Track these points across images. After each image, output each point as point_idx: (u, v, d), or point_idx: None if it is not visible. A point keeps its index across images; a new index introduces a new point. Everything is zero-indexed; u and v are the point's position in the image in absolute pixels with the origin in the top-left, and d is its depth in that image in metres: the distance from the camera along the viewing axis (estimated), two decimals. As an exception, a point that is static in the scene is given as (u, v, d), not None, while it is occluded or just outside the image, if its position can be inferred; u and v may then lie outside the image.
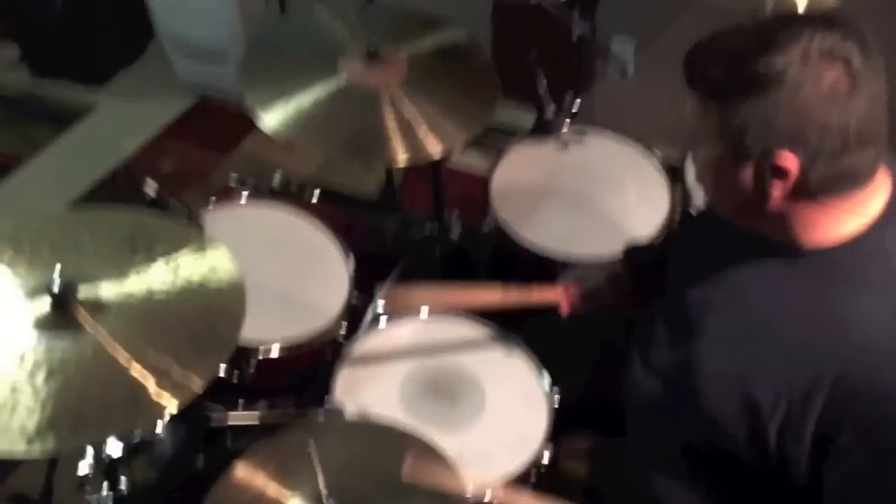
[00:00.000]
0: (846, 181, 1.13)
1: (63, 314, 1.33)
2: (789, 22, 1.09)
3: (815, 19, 1.09)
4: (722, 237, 1.31)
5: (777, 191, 1.13)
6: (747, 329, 1.23)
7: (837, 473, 1.16)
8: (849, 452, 1.14)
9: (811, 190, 1.13)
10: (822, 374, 1.13)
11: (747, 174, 1.14)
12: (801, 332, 1.17)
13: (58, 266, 1.32)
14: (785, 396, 1.17)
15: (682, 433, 1.35)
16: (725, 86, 1.11)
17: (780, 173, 1.12)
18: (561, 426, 1.64)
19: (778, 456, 1.20)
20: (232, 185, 2.19)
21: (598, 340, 1.82)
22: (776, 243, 1.21)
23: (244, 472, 1.35)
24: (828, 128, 1.08)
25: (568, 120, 2.22)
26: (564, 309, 1.65)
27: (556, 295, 1.65)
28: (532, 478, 1.62)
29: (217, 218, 1.94)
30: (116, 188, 1.87)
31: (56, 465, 1.88)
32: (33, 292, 1.36)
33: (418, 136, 1.86)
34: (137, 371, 1.28)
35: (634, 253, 1.69)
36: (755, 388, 1.20)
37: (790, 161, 1.10)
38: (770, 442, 1.20)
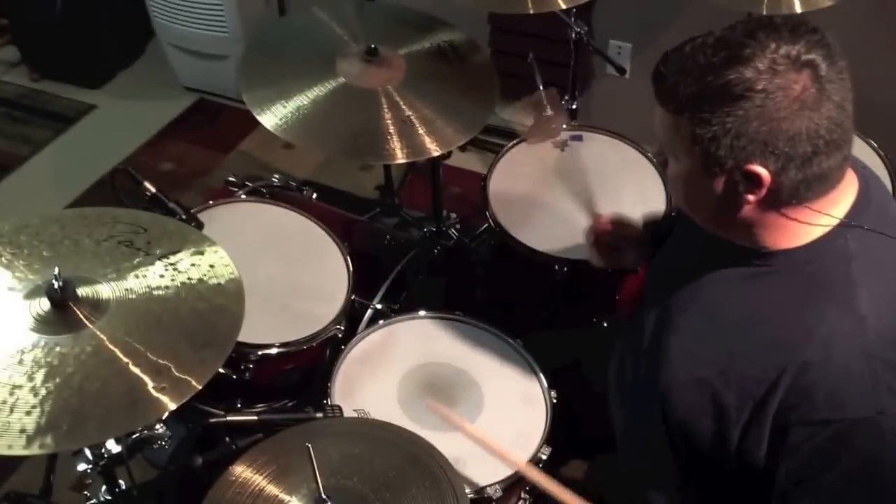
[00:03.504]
0: (816, 186, 1.14)
1: (62, 314, 1.33)
2: (755, 32, 1.10)
3: (780, 28, 1.10)
4: (692, 241, 1.32)
5: (750, 199, 1.15)
6: (714, 332, 1.25)
7: (786, 467, 1.17)
8: (797, 448, 1.15)
9: (782, 196, 1.14)
10: (782, 376, 1.15)
11: (719, 185, 1.16)
12: (767, 336, 1.19)
13: (57, 267, 1.32)
14: (749, 398, 1.18)
15: (660, 432, 1.35)
16: (696, 100, 1.11)
17: (753, 182, 1.13)
18: (559, 429, 1.65)
19: (738, 457, 1.21)
20: (230, 185, 2.19)
21: (594, 343, 1.83)
22: (743, 248, 1.23)
23: (243, 472, 1.35)
24: (798, 136, 1.09)
25: (564, 122, 2.23)
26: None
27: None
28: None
29: (216, 218, 1.94)
30: (115, 188, 1.86)
31: (55, 465, 1.88)
32: (33, 293, 1.36)
33: (417, 137, 1.86)
34: (136, 371, 1.28)
35: (654, 226, 1.69)
36: (722, 390, 1.21)
37: (762, 170, 1.11)
38: (732, 442, 1.21)
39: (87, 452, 1.49)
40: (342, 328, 1.83)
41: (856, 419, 1.12)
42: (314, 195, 2.28)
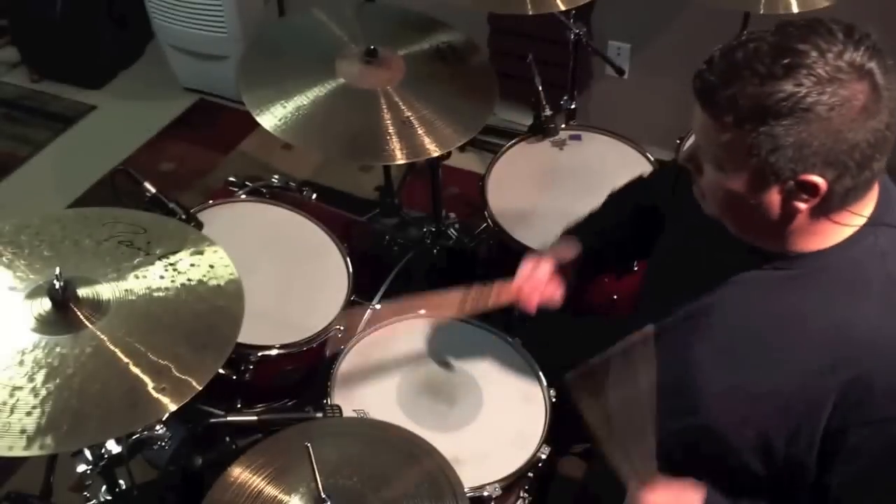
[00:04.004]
0: (862, 190, 1.13)
1: (63, 315, 1.33)
2: (810, 36, 1.06)
3: (835, 32, 1.06)
4: (710, 247, 1.29)
5: (802, 209, 1.12)
6: (745, 337, 1.24)
7: (850, 470, 1.17)
8: (862, 448, 1.15)
9: (832, 204, 1.12)
10: (832, 378, 1.14)
11: (771, 195, 1.12)
12: (804, 339, 1.18)
13: (57, 267, 1.32)
14: (793, 403, 1.17)
15: (677, 439, 1.35)
16: (757, 111, 1.06)
17: (808, 192, 1.10)
18: (558, 426, 1.65)
19: (786, 460, 1.21)
20: (230, 185, 2.20)
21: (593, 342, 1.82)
22: (769, 253, 1.21)
23: (242, 473, 1.36)
24: (858, 145, 1.07)
25: (563, 122, 2.24)
26: (529, 307, 1.59)
27: (512, 295, 1.59)
28: (529, 479, 1.62)
29: (216, 218, 1.94)
30: (116, 189, 1.87)
31: (55, 465, 1.88)
32: (33, 293, 1.37)
33: (416, 137, 1.87)
34: (136, 371, 1.29)
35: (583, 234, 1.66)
36: (760, 399, 1.20)
37: (819, 179, 1.09)
38: (778, 448, 1.20)
39: (88, 453, 1.49)
40: (342, 328, 1.83)
41: None
42: (314, 195, 2.28)
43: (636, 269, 1.89)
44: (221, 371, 1.42)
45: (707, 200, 1.23)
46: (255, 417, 1.69)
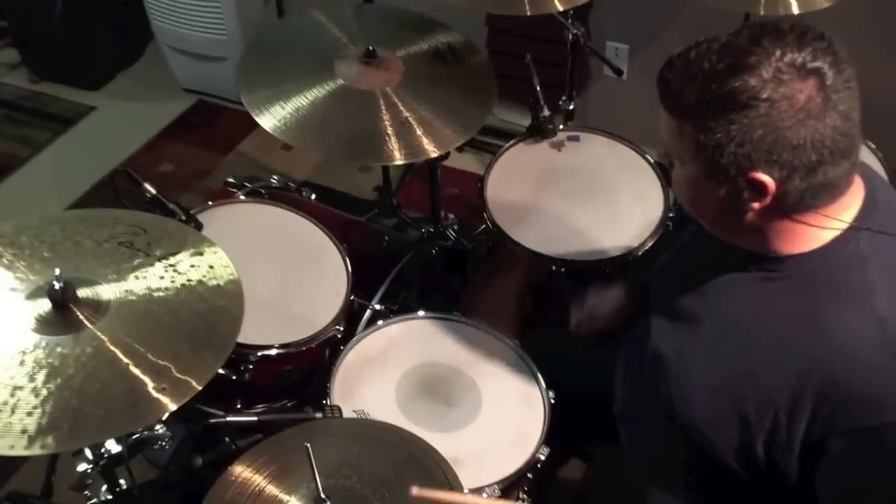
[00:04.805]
0: (823, 194, 1.14)
1: (63, 315, 1.34)
2: (760, 38, 1.09)
3: (786, 34, 1.09)
4: (702, 248, 1.32)
5: (754, 207, 1.15)
6: (730, 341, 1.25)
7: (832, 479, 1.17)
8: (842, 458, 1.15)
9: (789, 204, 1.14)
10: (807, 383, 1.15)
11: (723, 191, 1.16)
12: (784, 342, 1.19)
13: (57, 268, 1.33)
14: (772, 406, 1.18)
15: (669, 441, 1.36)
16: (700, 107, 1.11)
17: (758, 190, 1.13)
18: (557, 429, 1.65)
19: (767, 464, 1.22)
20: (230, 185, 2.20)
21: (595, 346, 1.83)
22: (754, 254, 1.22)
23: (242, 472, 1.36)
24: (802, 145, 1.08)
25: (561, 123, 2.24)
26: None
27: None
28: (528, 479, 1.63)
29: (215, 219, 1.95)
30: (115, 190, 1.87)
31: (56, 465, 1.89)
32: (33, 294, 1.37)
33: (415, 138, 1.87)
34: (136, 371, 1.29)
35: (638, 270, 1.68)
36: (741, 400, 1.21)
37: (767, 178, 1.11)
38: (759, 452, 1.21)
39: (88, 452, 1.50)
40: (341, 329, 1.83)
41: None
42: (313, 196, 2.29)
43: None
44: (221, 371, 1.42)
45: (679, 195, 1.27)
46: (254, 418, 1.69)
